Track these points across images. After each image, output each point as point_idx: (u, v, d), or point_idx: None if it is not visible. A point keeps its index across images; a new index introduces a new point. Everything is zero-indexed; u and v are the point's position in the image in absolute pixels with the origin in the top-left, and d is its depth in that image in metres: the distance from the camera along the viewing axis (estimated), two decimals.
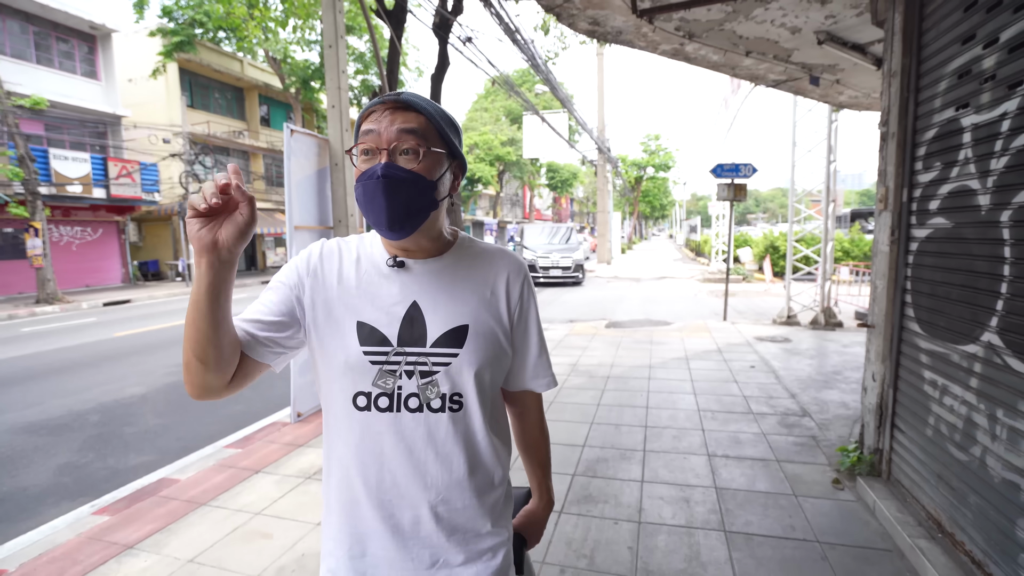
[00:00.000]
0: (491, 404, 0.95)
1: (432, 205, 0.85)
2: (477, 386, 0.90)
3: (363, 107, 0.87)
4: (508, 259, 0.98)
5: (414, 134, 0.82)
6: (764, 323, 7.97)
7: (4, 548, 2.52)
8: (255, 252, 23.80)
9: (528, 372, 1.02)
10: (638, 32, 3.90)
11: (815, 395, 4.45)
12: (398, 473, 0.88)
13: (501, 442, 0.98)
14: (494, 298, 0.94)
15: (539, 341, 1.01)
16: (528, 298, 0.99)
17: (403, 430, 0.88)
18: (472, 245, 0.99)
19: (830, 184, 7.24)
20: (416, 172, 0.82)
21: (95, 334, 8.65)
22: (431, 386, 0.88)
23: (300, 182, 4.13)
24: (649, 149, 41.86)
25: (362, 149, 0.84)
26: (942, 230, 2.35)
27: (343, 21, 4.49)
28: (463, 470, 0.90)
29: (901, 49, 2.61)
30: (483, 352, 0.90)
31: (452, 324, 0.89)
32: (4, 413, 4.69)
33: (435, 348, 0.89)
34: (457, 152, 0.89)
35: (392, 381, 0.88)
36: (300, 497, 2.89)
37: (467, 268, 0.94)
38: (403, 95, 0.83)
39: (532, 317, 0.99)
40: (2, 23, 14.42)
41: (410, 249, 0.91)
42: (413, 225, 0.84)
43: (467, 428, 0.91)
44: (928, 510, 2.36)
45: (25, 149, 12.08)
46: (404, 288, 0.90)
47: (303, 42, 18.01)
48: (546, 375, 1.04)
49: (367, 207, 0.83)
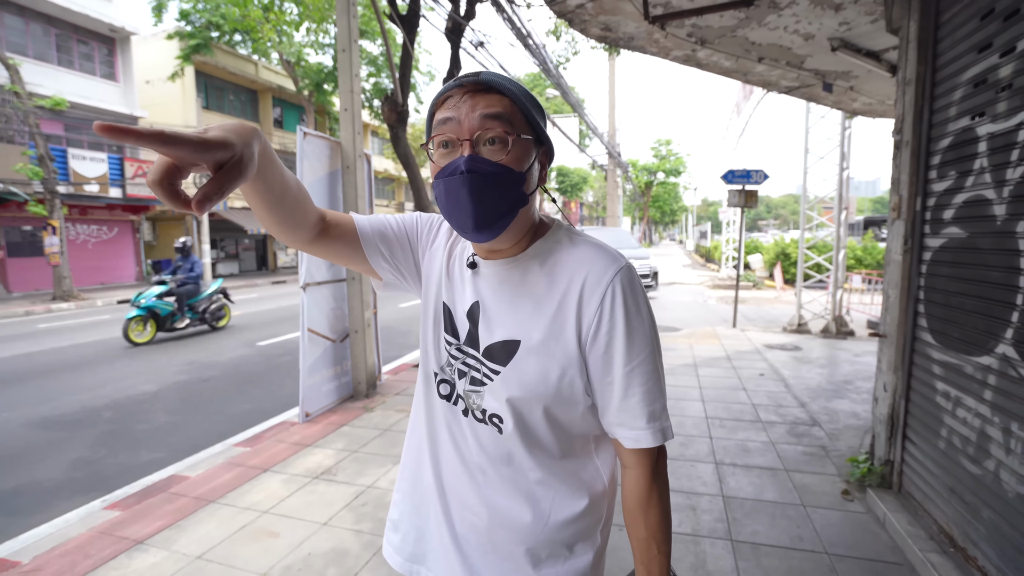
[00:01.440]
0: (557, 440, 0.79)
1: (522, 201, 0.74)
2: (515, 416, 0.77)
3: (437, 93, 0.75)
4: (592, 261, 0.76)
5: (500, 120, 0.70)
6: (774, 331, 7.90)
7: (18, 540, 2.57)
8: (266, 253, 24.02)
9: (611, 416, 0.78)
10: (650, 38, 3.90)
11: (825, 404, 4.41)
12: (450, 462, 0.85)
13: (567, 488, 0.81)
14: (561, 313, 0.75)
15: (626, 376, 0.75)
16: (614, 317, 0.74)
17: (454, 423, 0.84)
18: (561, 241, 0.81)
19: (843, 191, 7.17)
20: (504, 164, 0.71)
21: (109, 331, 8.78)
22: (475, 396, 0.81)
23: (312, 184, 4.17)
24: (660, 154, 41.74)
25: (440, 141, 0.73)
26: (956, 240, 2.32)
27: (357, 25, 4.54)
28: (504, 497, 0.80)
29: (916, 57, 2.58)
30: (530, 378, 0.76)
31: (503, 336, 0.78)
32: (20, 408, 4.78)
33: (485, 358, 0.80)
34: (544, 136, 0.78)
35: (452, 373, 0.84)
36: (307, 497, 2.91)
37: (540, 271, 0.79)
38: (482, 75, 0.72)
39: (618, 342, 0.74)
40: (25, 26, 14.74)
41: (494, 249, 0.80)
42: (502, 225, 0.73)
43: (511, 455, 0.79)
44: (940, 524, 2.32)
45: (45, 149, 12.32)
46: (473, 287, 0.83)
47: (316, 45, 18.24)
48: (636, 425, 0.75)
49: (450, 207, 0.73)
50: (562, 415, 0.78)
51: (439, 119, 0.73)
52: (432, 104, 0.76)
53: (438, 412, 0.86)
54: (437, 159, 0.74)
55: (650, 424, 0.75)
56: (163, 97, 18.65)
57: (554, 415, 0.78)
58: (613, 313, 0.74)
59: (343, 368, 4.57)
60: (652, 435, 0.76)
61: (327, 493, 2.94)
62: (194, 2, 16.86)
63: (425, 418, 0.89)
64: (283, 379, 5.63)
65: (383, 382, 5.15)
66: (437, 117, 0.73)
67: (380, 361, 5.10)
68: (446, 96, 0.73)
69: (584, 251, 0.78)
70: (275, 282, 18.94)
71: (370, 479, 3.10)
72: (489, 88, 0.72)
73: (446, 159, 0.72)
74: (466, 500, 0.83)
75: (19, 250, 14.67)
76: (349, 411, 4.34)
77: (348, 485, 3.03)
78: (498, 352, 0.78)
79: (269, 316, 10.40)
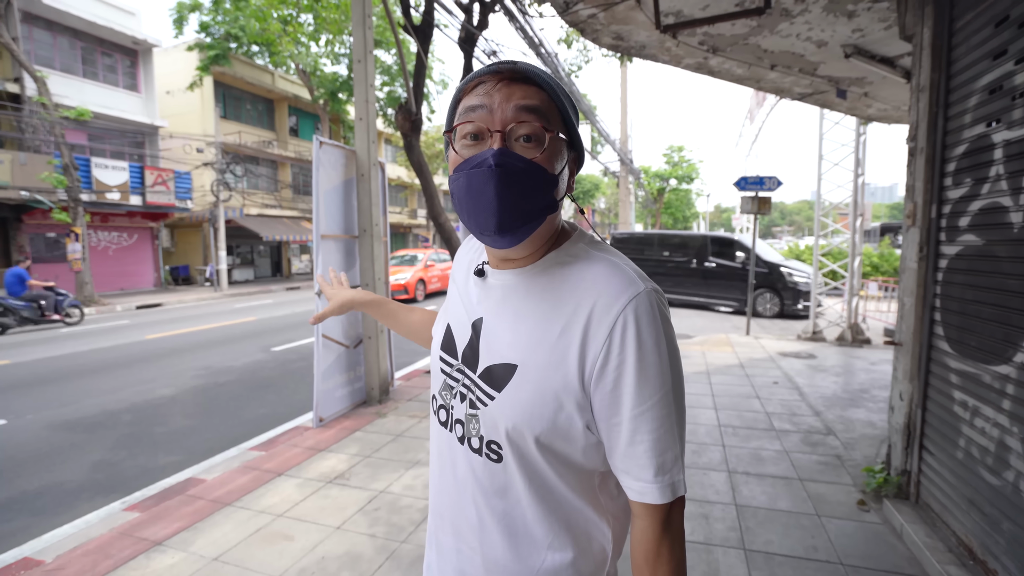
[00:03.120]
0: (557, 474, 0.69)
1: (551, 207, 0.66)
2: (512, 446, 0.68)
3: (466, 77, 0.67)
4: (606, 282, 0.66)
5: (536, 114, 0.63)
6: (788, 338, 7.81)
7: (42, 540, 2.64)
8: (280, 259, 24.34)
9: (616, 461, 0.67)
10: (662, 47, 3.93)
11: (840, 413, 4.35)
12: (446, 492, 0.78)
13: (570, 532, 0.71)
14: (563, 340, 0.65)
15: (633, 420, 0.63)
16: (624, 351, 0.63)
17: (452, 450, 0.76)
18: (578, 254, 0.71)
19: (858, 198, 7.10)
20: (537, 163, 0.63)
21: (128, 336, 8.96)
22: (474, 420, 0.72)
23: (327, 192, 4.24)
24: (672, 160, 41.54)
25: (466, 131, 0.65)
26: (973, 247, 2.30)
27: (372, 37, 4.63)
28: (497, 534, 0.72)
29: (930, 64, 2.57)
30: (523, 409, 0.66)
31: (500, 359, 0.70)
32: (43, 410, 4.90)
33: (480, 380, 0.72)
34: (577, 140, 0.70)
35: (449, 397, 0.76)
36: (321, 501, 2.94)
37: (548, 286, 0.69)
38: (519, 64, 0.64)
39: (628, 381, 0.63)
40: (53, 39, 15.23)
41: (509, 257, 0.72)
42: (528, 230, 0.65)
43: (505, 488, 0.71)
44: (959, 536, 2.28)
45: (70, 158, 12.69)
46: (478, 300, 0.76)
47: (332, 55, 18.56)
48: (642, 477, 0.64)
49: (470, 205, 0.64)
50: (559, 448, 0.68)
51: (467, 106, 0.65)
52: (459, 90, 0.68)
53: (436, 439, 0.80)
54: (460, 149, 0.65)
55: (657, 478, 0.64)
56: (183, 107, 19.11)
57: (551, 448, 0.68)
58: (623, 347, 0.62)
59: (356, 374, 4.62)
60: (659, 490, 0.64)
61: (340, 497, 2.97)
62: (213, 14, 17.28)
63: (433, 446, 0.83)
64: (297, 384, 5.71)
65: (396, 388, 5.19)
66: (464, 104, 0.65)
67: (393, 367, 5.14)
68: (477, 82, 0.65)
69: (599, 270, 0.67)
70: (289, 288, 19.18)
71: (383, 484, 3.13)
72: (526, 78, 0.64)
73: (471, 151, 0.64)
74: (464, 535, 0.76)
75: (44, 256, 15.06)
76: (362, 416, 4.38)
77: (361, 490, 3.06)
78: (495, 375, 0.70)
79: (283, 321, 10.54)
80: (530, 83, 0.64)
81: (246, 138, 21.06)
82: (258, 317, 11.12)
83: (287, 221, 22.22)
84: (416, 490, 3.04)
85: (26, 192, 12.84)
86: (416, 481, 3.16)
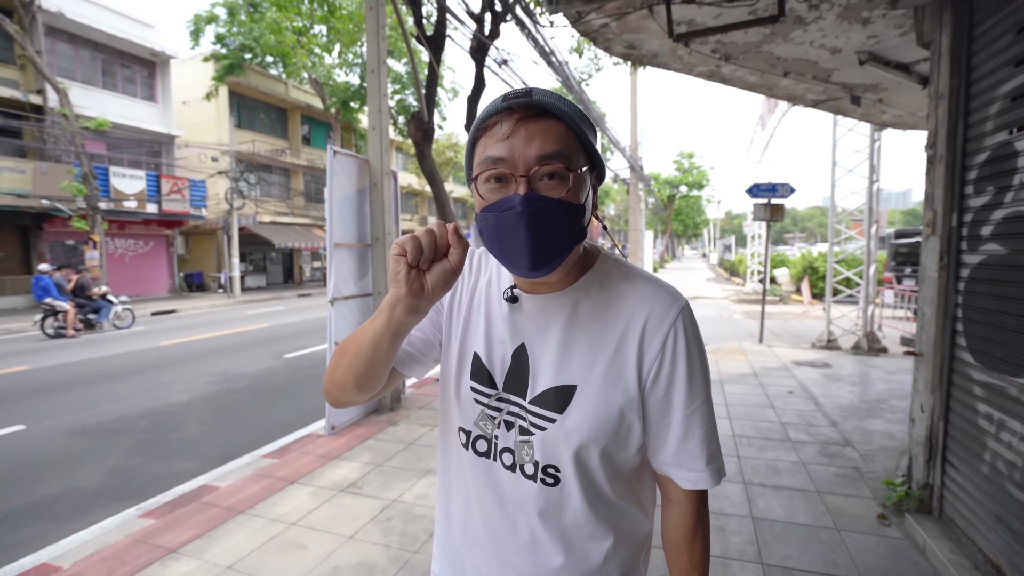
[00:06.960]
0: (609, 483, 0.75)
1: (581, 235, 0.69)
2: (577, 465, 0.72)
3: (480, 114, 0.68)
4: (653, 299, 0.73)
5: (558, 158, 0.65)
6: (802, 347, 7.71)
7: (59, 546, 2.67)
8: (292, 266, 24.58)
9: (666, 456, 0.75)
10: (674, 55, 3.93)
11: (858, 424, 4.27)
12: (481, 524, 0.78)
13: (619, 533, 0.78)
14: (620, 355, 0.71)
15: (686, 419, 0.73)
16: (676, 358, 0.71)
17: (497, 480, 0.76)
18: (612, 274, 0.76)
19: (872, 204, 7.01)
20: (564, 200, 0.65)
21: (143, 342, 9.08)
22: (527, 447, 0.74)
23: (341, 201, 4.28)
24: (682, 167, 41.46)
25: (489, 175, 0.66)
26: (996, 256, 2.25)
27: (385, 47, 4.68)
28: (554, 558, 0.75)
29: (949, 71, 2.54)
30: (591, 425, 0.71)
31: (557, 382, 0.72)
32: (61, 416, 4.97)
33: (533, 405, 0.74)
34: (597, 158, 0.71)
35: (491, 428, 0.77)
36: (334, 509, 2.94)
37: (594, 308, 0.74)
38: (534, 95, 0.65)
39: (679, 385, 0.72)
40: (75, 52, 15.62)
41: (541, 281, 0.74)
42: (560, 261, 0.67)
43: (562, 509, 0.74)
44: (985, 553, 2.22)
45: (89, 168, 12.96)
46: (515, 326, 0.76)
47: (344, 65, 18.82)
48: (695, 467, 0.74)
49: (502, 245, 0.66)
50: (616, 456, 0.74)
51: (487, 157, 0.66)
52: (475, 128, 0.69)
53: (467, 468, 0.80)
54: (485, 194, 0.67)
55: (709, 466, 0.74)
56: (198, 116, 19.45)
57: (611, 458, 0.74)
58: (676, 355, 0.71)
59: None
60: (711, 476, 0.75)
61: (353, 506, 2.97)
62: (229, 26, 17.62)
63: (459, 475, 0.82)
64: (309, 391, 5.73)
65: (407, 396, 5.19)
66: (485, 151, 0.66)
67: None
68: (494, 120, 0.66)
69: (643, 288, 0.74)
70: (301, 295, 19.34)
71: (395, 493, 3.12)
72: (543, 112, 0.65)
73: (497, 194, 0.66)
74: (510, 559, 0.77)
75: (62, 263, 15.33)
76: (374, 424, 4.38)
77: (374, 499, 3.06)
78: (552, 398, 0.72)
79: (295, 328, 10.62)
80: (548, 116, 0.65)
81: (259, 147, 21.37)
82: (270, 324, 11.22)
83: (299, 228, 22.45)
84: (429, 499, 3.03)
85: (47, 201, 13.13)
86: (429, 490, 3.15)
